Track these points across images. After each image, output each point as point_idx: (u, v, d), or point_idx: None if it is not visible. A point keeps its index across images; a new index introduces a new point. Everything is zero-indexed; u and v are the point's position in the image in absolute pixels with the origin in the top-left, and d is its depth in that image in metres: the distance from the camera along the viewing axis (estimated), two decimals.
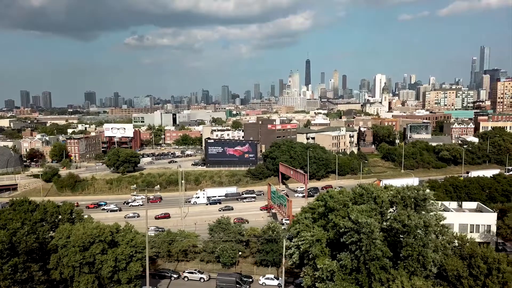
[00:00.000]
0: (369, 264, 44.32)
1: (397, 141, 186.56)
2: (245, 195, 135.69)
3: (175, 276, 68.23)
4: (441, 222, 47.93)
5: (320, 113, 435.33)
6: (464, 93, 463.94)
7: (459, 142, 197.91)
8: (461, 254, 45.29)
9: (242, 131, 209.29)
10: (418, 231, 44.12)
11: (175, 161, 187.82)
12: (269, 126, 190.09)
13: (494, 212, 66.86)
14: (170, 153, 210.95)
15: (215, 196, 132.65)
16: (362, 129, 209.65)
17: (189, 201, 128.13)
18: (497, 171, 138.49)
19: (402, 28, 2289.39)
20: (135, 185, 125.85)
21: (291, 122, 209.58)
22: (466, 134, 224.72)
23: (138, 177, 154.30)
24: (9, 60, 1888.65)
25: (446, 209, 70.83)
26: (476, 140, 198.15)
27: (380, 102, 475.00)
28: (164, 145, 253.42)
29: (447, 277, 43.32)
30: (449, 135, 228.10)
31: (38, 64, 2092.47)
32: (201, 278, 67.29)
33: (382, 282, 42.99)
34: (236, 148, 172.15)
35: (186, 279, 67.71)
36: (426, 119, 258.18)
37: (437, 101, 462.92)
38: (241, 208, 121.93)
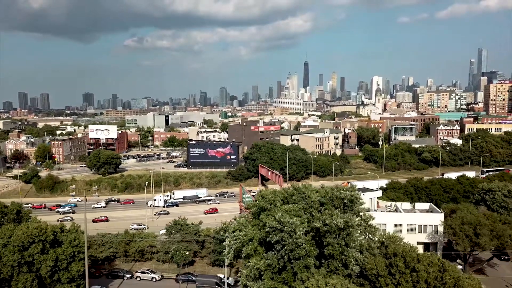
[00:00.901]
0: (293, 263, 45.14)
1: (380, 142, 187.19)
2: (204, 198, 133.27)
3: (128, 276, 69.03)
4: (371, 222, 48.65)
5: (313, 115, 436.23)
6: (457, 95, 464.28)
7: (443, 143, 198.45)
8: (386, 253, 46.01)
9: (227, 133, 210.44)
10: (346, 230, 44.92)
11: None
12: (252, 127, 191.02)
13: (442, 212, 67.55)
14: (155, 155, 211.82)
15: (172, 199, 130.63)
16: (346, 131, 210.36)
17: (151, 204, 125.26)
18: (473, 172, 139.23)
19: (401, 31, 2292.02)
20: (73, 187, 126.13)
21: (275, 124, 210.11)
22: (452, 136, 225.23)
23: (118, 179, 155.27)
24: (8, 62, 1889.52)
25: (397, 210, 71.69)
26: (459, 142, 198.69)
27: (374, 104, 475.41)
28: (152, 146, 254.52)
29: (367, 276, 44.03)
30: (435, 136, 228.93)
31: (37, 66, 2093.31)
32: (153, 278, 68.11)
33: (303, 281, 43.72)
34: (217, 149, 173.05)
35: (138, 279, 68.53)
36: (414, 121, 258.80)
37: (430, 103, 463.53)
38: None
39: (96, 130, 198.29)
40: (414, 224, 67.45)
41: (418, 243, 68.51)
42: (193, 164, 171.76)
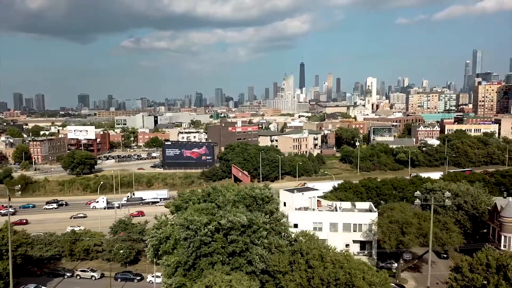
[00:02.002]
0: (201, 260, 46.10)
1: (358, 143, 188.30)
2: (148, 200, 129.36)
3: (68, 274, 69.91)
4: (283, 220, 49.59)
5: (303, 116, 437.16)
6: (446, 96, 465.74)
7: (419, 144, 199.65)
8: (294, 251, 46.96)
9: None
10: (252, 228, 45.85)
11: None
12: (230, 128, 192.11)
13: (376, 212, 68.52)
14: (135, 155, 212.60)
15: (115, 202, 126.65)
16: (325, 132, 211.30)
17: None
18: (438, 173, 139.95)
19: (399, 32, 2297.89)
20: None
21: (252, 124, 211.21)
22: (432, 137, 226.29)
23: (91, 179, 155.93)
24: (3, 62, 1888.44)
25: (335, 209, 72.67)
26: (437, 142, 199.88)
27: (364, 105, 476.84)
28: (135, 147, 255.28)
29: (269, 273, 44.99)
30: (416, 137, 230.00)
31: (33, 67, 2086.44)
32: (92, 276, 68.99)
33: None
34: (193, 150, 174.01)
35: (78, 277, 69.39)
36: (397, 122, 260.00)
37: (420, 104, 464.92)
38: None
39: (74, 130, 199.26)
40: (349, 223, 68.44)
41: (354, 241, 69.86)
42: (169, 165, 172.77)
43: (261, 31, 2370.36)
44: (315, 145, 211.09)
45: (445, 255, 73.33)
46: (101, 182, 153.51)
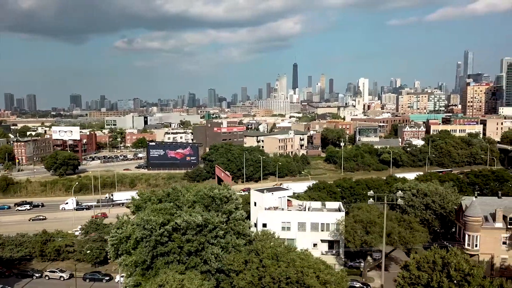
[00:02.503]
0: (158, 259, 46.41)
1: (342, 144, 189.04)
2: (119, 201, 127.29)
3: (37, 275, 69.81)
4: (242, 220, 49.94)
5: (293, 116, 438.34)
6: (436, 97, 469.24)
7: (404, 145, 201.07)
8: (251, 250, 47.40)
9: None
10: (208, 228, 46.23)
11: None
12: (215, 129, 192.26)
13: (344, 211, 69.19)
14: (121, 156, 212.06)
15: (86, 203, 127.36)
16: (311, 132, 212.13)
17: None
18: (415, 174, 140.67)
19: (392, 33, 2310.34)
20: None
21: (242, 125, 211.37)
22: (417, 137, 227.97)
23: (74, 180, 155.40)
24: None
25: (305, 209, 73.20)
26: (422, 143, 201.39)
27: (354, 106, 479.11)
28: (123, 147, 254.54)
29: (224, 272, 45.42)
30: (402, 138, 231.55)
31: (25, 67, 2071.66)
32: (61, 276, 68.95)
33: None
34: (177, 150, 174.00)
35: (47, 278, 69.32)
36: (383, 122, 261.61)
37: (410, 104, 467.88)
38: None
39: (59, 131, 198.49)
40: (317, 222, 68.98)
41: (322, 241, 70.42)
42: (153, 165, 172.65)
43: (254, 31, 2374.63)
44: (301, 145, 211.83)
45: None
46: (76, 183, 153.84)
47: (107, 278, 67.60)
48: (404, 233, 61.44)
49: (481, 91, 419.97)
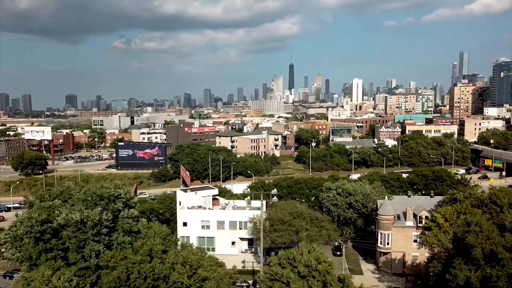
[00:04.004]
0: (42, 256, 47.31)
1: (314, 144, 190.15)
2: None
3: None
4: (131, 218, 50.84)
5: (282, 116, 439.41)
6: (424, 97, 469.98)
7: (375, 145, 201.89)
8: (134, 247, 48.33)
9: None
10: (89, 225, 47.12)
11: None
12: (186, 129, 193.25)
13: (264, 209, 69.95)
14: (96, 156, 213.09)
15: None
16: (285, 133, 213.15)
17: None
18: (359, 174, 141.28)
19: (388, 34, 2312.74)
20: None
21: (224, 125, 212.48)
22: (393, 138, 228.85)
23: (39, 180, 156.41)
24: None
25: (227, 208, 74.09)
26: (394, 143, 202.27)
27: (342, 106, 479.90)
28: (102, 148, 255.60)
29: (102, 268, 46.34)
30: (378, 138, 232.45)
31: (21, 67, 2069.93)
32: None
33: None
34: (146, 150, 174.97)
35: None
36: (362, 123, 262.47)
37: (398, 105, 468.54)
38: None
39: (31, 131, 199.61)
40: (235, 220, 69.90)
41: (242, 239, 71.38)
42: (122, 165, 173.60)
43: (251, 32, 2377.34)
44: (276, 146, 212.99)
45: (338, 253, 74.90)
46: (48, 182, 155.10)
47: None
48: (311, 230, 62.27)
49: (468, 91, 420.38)
